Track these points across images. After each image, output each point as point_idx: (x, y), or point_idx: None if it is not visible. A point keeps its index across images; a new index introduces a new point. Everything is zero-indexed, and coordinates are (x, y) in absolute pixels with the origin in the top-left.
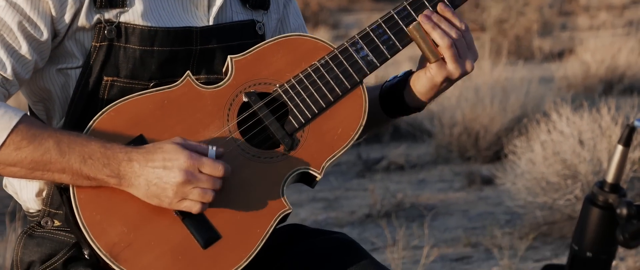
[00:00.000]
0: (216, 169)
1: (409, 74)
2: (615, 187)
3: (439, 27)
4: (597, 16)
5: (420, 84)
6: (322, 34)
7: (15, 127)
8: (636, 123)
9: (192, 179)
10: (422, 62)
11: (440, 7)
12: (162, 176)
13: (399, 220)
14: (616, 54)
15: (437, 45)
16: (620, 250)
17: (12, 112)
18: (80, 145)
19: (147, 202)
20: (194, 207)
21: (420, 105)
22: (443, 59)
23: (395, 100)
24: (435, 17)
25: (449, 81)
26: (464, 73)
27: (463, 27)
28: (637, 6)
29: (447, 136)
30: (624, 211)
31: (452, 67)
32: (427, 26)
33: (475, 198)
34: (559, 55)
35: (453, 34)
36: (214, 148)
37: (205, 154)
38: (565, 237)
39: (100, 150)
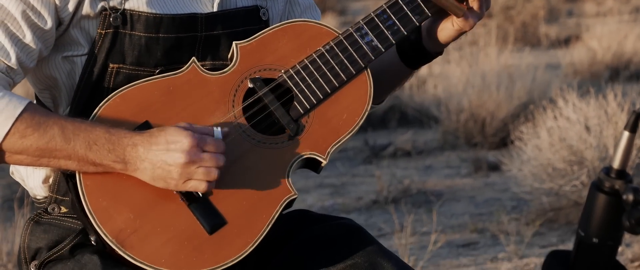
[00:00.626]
0: (219, 146)
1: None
2: (622, 173)
3: None
4: (604, 3)
5: (446, 34)
6: (330, 21)
7: (20, 115)
8: None
9: (195, 158)
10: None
11: None
12: (166, 158)
13: (406, 206)
14: (622, 41)
15: (460, 1)
16: (626, 236)
17: (17, 100)
18: (85, 132)
19: (154, 185)
20: (200, 186)
21: (441, 50)
22: (469, 9)
23: (414, 50)
24: None
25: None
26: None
27: None
28: None
29: (454, 122)
30: (630, 197)
31: (480, 13)
32: None
33: (482, 184)
34: (566, 41)
35: None
36: (219, 128)
37: (211, 135)
38: (572, 223)
39: (105, 136)
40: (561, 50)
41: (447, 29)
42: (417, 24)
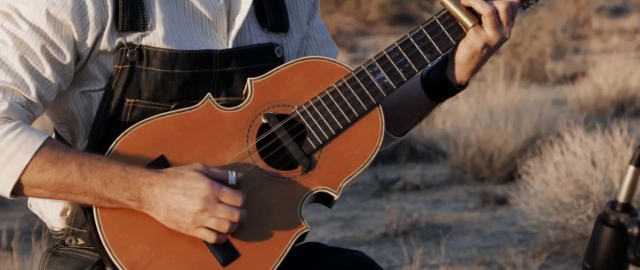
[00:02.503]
0: (235, 200)
1: (447, 54)
2: (627, 207)
3: None
4: (609, 40)
5: (461, 55)
6: (340, 57)
7: (38, 149)
8: None
9: (210, 207)
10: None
11: None
12: (182, 203)
13: (415, 239)
14: (628, 77)
15: (471, 10)
16: (632, 269)
17: (36, 135)
18: (101, 169)
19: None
20: (209, 237)
21: (462, 81)
22: (479, 23)
23: (438, 81)
24: None
25: (488, 48)
26: (503, 40)
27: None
28: None
29: (462, 157)
30: (636, 230)
31: (491, 33)
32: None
33: (489, 218)
34: (572, 78)
35: (495, 2)
36: (234, 173)
37: (225, 180)
38: (578, 256)
39: (121, 174)
40: (567, 86)
41: (461, 47)
42: (428, 62)
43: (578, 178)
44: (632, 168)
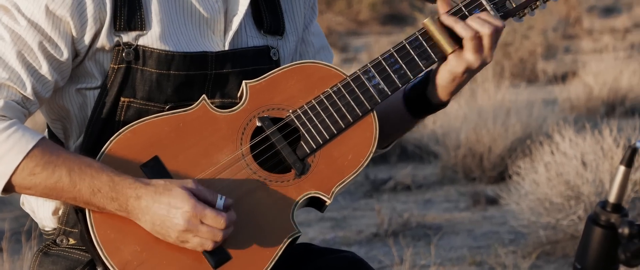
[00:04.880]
0: (218, 222)
1: (430, 72)
2: (618, 207)
3: (461, 21)
4: (600, 39)
5: (441, 77)
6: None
7: (30, 151)
8: (638, 144)
9: (192, 228)
10: (442, 59)
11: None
12: (165, 220)
13: (406, 239)
14: (618, 77)
15: (453, 37)
16: (622, 269)
17: (30, 135)
18: (90, 177)
19: None
20: (195, 249)
21: (442, 101)
22: (460, 48)
23: (418, 98)
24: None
25: (469, 71)
26: (485, 64)
27: (499, 24)
28: (639, 30)
29: (453, 157)
30: (626, 230)
31: (472, 57)
32: (448, 21)
33: (480, 218)
34: (562, 77)
35: (477, 26)
36: (223, 199)
37: (214, 203)
38: (568, 256)
39: (110, 184)
40: (558, 86)
41: (441, 71)
42: (424, 68)
43: (568, 178)
44: (622, 168)
